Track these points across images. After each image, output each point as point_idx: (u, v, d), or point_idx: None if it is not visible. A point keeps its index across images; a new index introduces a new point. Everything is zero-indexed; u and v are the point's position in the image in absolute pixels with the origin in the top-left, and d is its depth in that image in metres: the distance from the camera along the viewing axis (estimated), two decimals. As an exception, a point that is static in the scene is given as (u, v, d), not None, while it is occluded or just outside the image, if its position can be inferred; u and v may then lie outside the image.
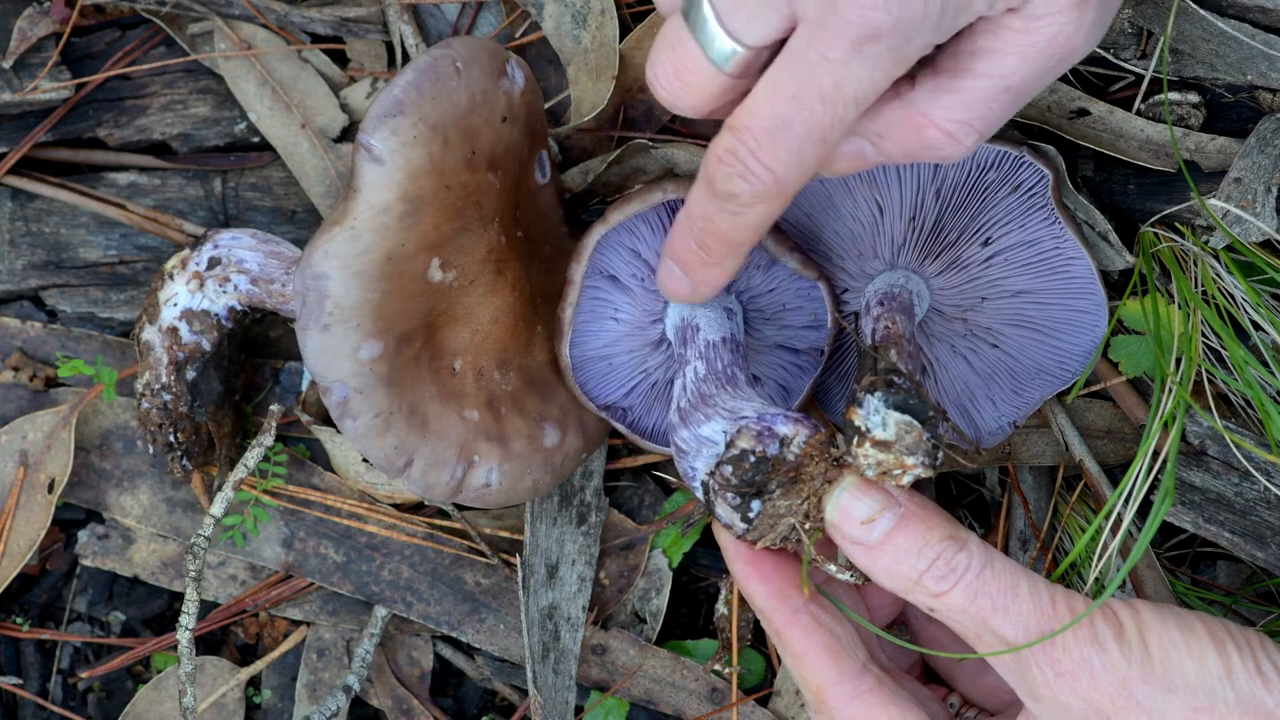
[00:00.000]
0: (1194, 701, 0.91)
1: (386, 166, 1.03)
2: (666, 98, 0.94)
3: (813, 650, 1.02)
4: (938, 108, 0.91)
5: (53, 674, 1.42)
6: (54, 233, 1.38)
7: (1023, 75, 0.90)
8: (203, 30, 1.38)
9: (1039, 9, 0.87)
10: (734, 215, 0.94)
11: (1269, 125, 1.11)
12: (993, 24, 0.89)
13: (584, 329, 1.22)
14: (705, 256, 0.99)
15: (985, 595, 0.95)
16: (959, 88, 0.90)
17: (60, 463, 1.34)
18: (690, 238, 0.99)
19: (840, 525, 0.99)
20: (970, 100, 0.90)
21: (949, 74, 0.90)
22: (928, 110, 0.91)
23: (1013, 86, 0.90)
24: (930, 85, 0.91)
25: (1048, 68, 0.90)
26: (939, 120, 0.91)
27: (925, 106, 0.91)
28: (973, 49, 0.90)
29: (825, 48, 0.84)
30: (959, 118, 0.91)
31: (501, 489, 1.17)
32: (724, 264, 1.00)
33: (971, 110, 0.91)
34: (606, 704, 1.33)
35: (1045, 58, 0.89)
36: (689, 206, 0.98)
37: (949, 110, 0.91)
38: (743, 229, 0.95)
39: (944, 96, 0.91)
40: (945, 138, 0.92)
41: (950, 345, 1.24)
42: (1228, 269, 1.14)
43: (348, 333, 1.04)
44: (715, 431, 1.04)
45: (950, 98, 0.91)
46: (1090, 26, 0.89)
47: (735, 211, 0.94)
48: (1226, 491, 1.17)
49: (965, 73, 0.90)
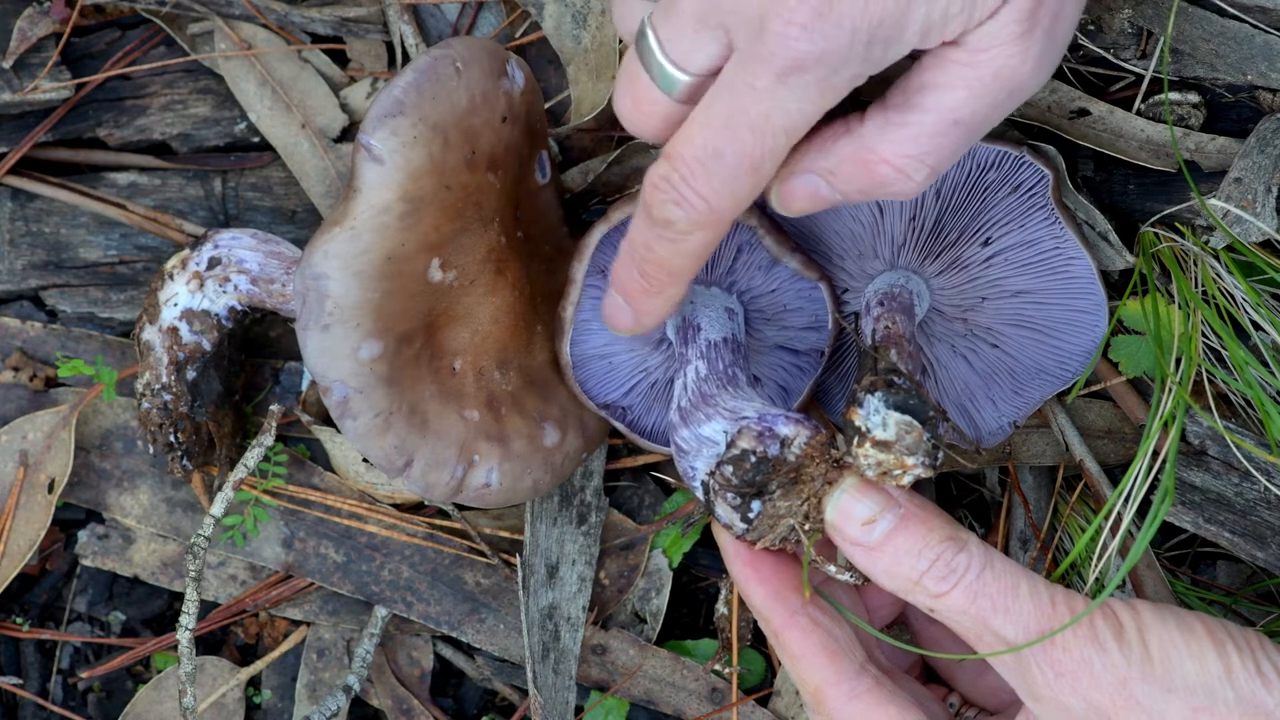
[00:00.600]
0: (1194, 701, 0.91)
1: (386, 166, 1.03)
2: (629, 126, 0.97)
3: (810, 651, 1.02)
4: (886, 142, 0.91)
5: (53, 674, 1.42)
6: (54, 233, 1.38)
7: (971, 109, 0.89)
8: (203, 30, 1.38)
9: (982, 41, 0.87)
10: (672, 243, 0.95)
11: (1269, 125, 1.11)
12: (937, 58, 0.89)
13: (584, 327, 1.22)
14: (647, 285, 1.00)
15: (985, 596, 0.95)
16: (907, 122, 0.90)
17: (60, 463, 1.34)
18: (633, 266, 1.00)
19: (840, 526, 0.99)
20: (918, 134, 0.90)
21: (897, 109, 0.90)
22: (876, 145, 0.91)
23: (961, 120, 0.90)
24: (880, 120, 0.91)
25: (996, 100, 0.89)
26: (888, 155, 0.91)
27: (874, 141, 0.91)
28: (920, 84, 0.90)
29: (752, 77, 0.85)
30: (908, 152, 0.91)
31: (501, 489, 1.17)
32: (665, 293, 1.00)
33: (920, 145, 0.90)
34: (606, 704, 1.34)
35: (992, 91, 0.89)
36: (630, 235, 0.99)
37: (898, 145, 0.91)
38: (681, 256, 0.96)
39: (892, 131, 0.91)
40: (896, 173, 0.92)
41: (950, 345, 1.24)
42: (1228, 269, 1.14)
43: (348, 332, 1.04)
44: (716, 431, 1.04)
45: (899, 131, 0.90)
46: (1036, 59, 0.88)
47: (673, 239, 0.94)
48: (1226, 491, 1.17)
49: (914, 107, 0.90)
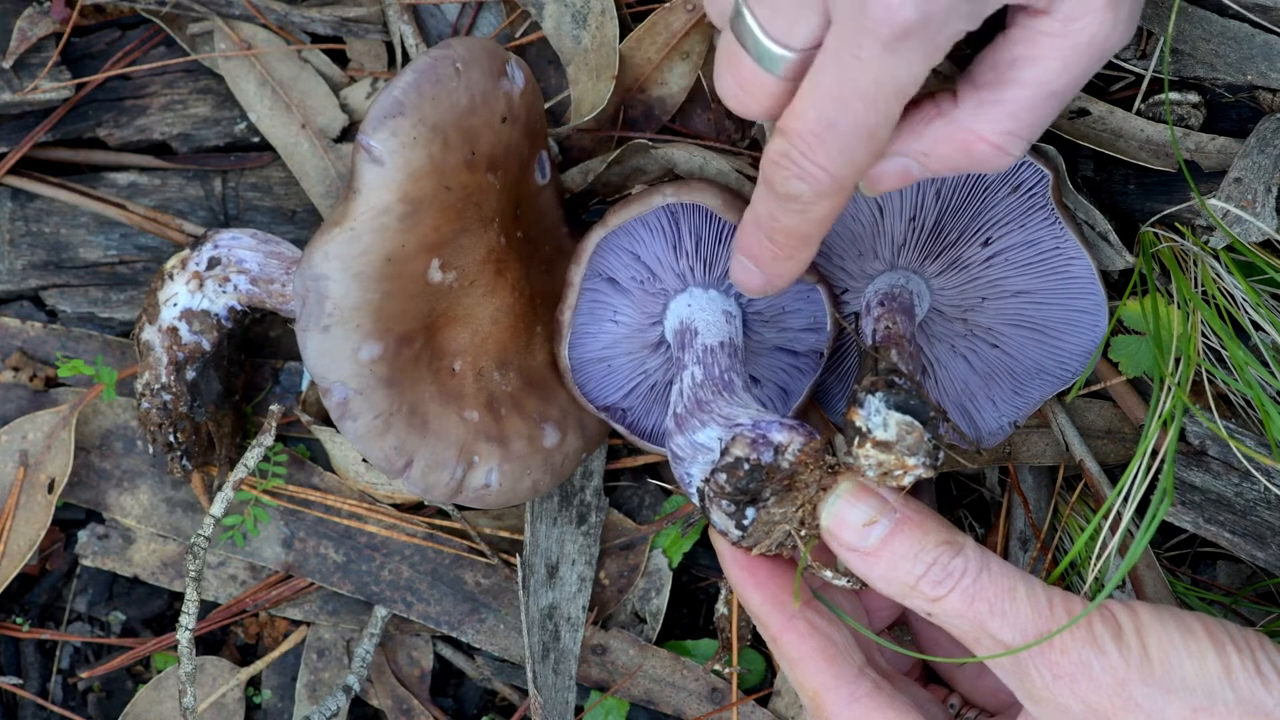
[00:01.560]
0: (1193, 702, 0.91)
1: (386, 167, 1.03)
2: (736, 107, 0.96)
3: (808, 655, 1.02)
4: (984, 121, 0.92)
5: (53, 674, 1.42)
6: (54, 233, 1.38)
7: (1066, 80, 0.90)
8: (203, 30, 1.38)
9: (1074, 10, 0.87)
10: (799, 214, 0.95)
11: (1269, 125, 1.10)
12: (1026, 30, 0.89)
13: (583, 331, 1.22)
14: (777, 251, 1.00)
15: (982, 599, 0.95)
16: (1004, 99, 0.91)
17: (60, 463, 1.34)
18: (760, 234, 1.00)
19: (836, 532, 0.99)
20: (1016, 110, 0.91)
21: (991, 86, 0.91)
22: (974, 125, 0.92)
23: (1057, 91, 0.91)
24: (974, 100, 0.92)
25: (1089, 68, 0.90)
26: (987, 134, 0.92)
27: (971, 122, 0.92)
28: (1011, 58, 0.90)
29: (857, 49, 0.85)
30: (1007, 129, 0.92)
31: (501, 489, 1.17)
32: (796, 257, 1.01)
33: (1019, 120, 0.92)
34: (606, 704, 1.34)
35: (1086, 59, 0.89)
36: (754, 207, 1.00)
37: (996, 123, 0.92)
38: (810, 224, 0.97)
39: (989, 109, 0.91)
40: (994, 150, 0.93)
41: (950, 345, 1.24)
42: (1228, 269, 1.14)
43: (348, 334, 1.04)
44: (711, 438, 1.04)
45: (996, 109, 0.91)
46: (1126, 21, 0.89)
47: (799, 210, 0.95)
48: (1226, 492, 1.17)
49: (1009, 83, 0.90)
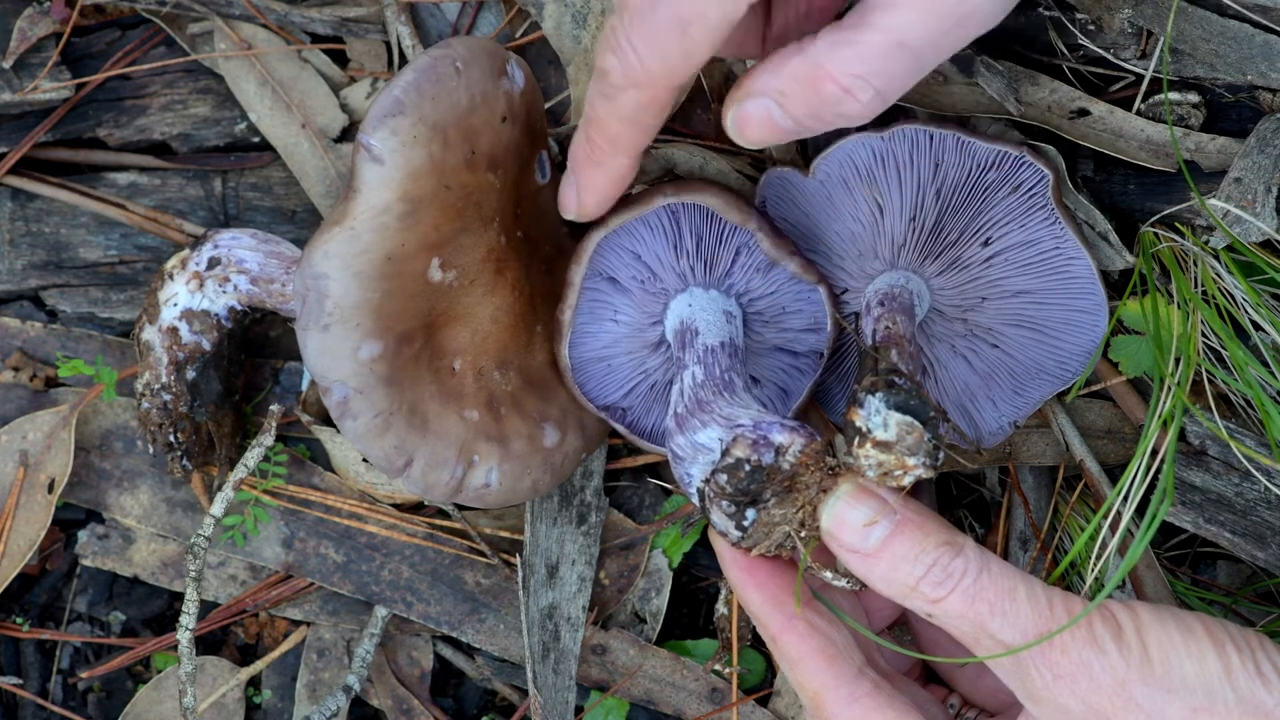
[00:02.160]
0: (1193, 702, 0.91)
1: (386, 166, 1.03)
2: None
3: (808, 655, 1.02)
4: (833, 60, 0.91)
5: (53, 674, 1.42)
6: (54, 233, 1.38)
7: (919, 32, 0.89)
8: (203, 30, 1.38)
9: None
10: (607, 99, 0.95)
11: (1269, 125, 1.10)
12: None
13: (583, 330, 1.22)
14: (590, 152, 1.01)
15: (983, 599, 0.95)
16: (856, 40, 0.90)
17: (60, 463, 1.34)
18: (582, 133, 1.01)
19: (836, 533, 0.99)
20: (864, 53, 0.90)
21: (849, 28, 0.90)
22: (824, 62, 0.91)
23: (907, 42, 0.89)
24: (831, 38, 0.91)
25: (946, 28, 0.89)
26: (835, 72, 0.91)
27: (822, 58, 0.91)
28: (875, 3, 0.89)
29: None
30: (854, 70, 0.90)
31: (501, 489, 1.17)
32: (606, 165, 1.01)
33: (866, 64, 0.90)
34: (606, 704, 1.34)
35: (940, 16, 0.88)
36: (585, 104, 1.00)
37: (844, 63, 0.90)
38: (616, 118, 0.97)
39: (841, 49, 0.90)
40: (842, 92, 0.91)
41: (950, 345, 1.24)
42: (1228, 269, 1.14)
43: (347, 333, 1.04)
44: (711, 439, 1.04)
45: (846, 50, 0.90)
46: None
47: (607, 94, 0.95)
48: (1227, 492, 1.17)
49: (864, 26, 0.90)
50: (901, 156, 1.12)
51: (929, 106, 1.19)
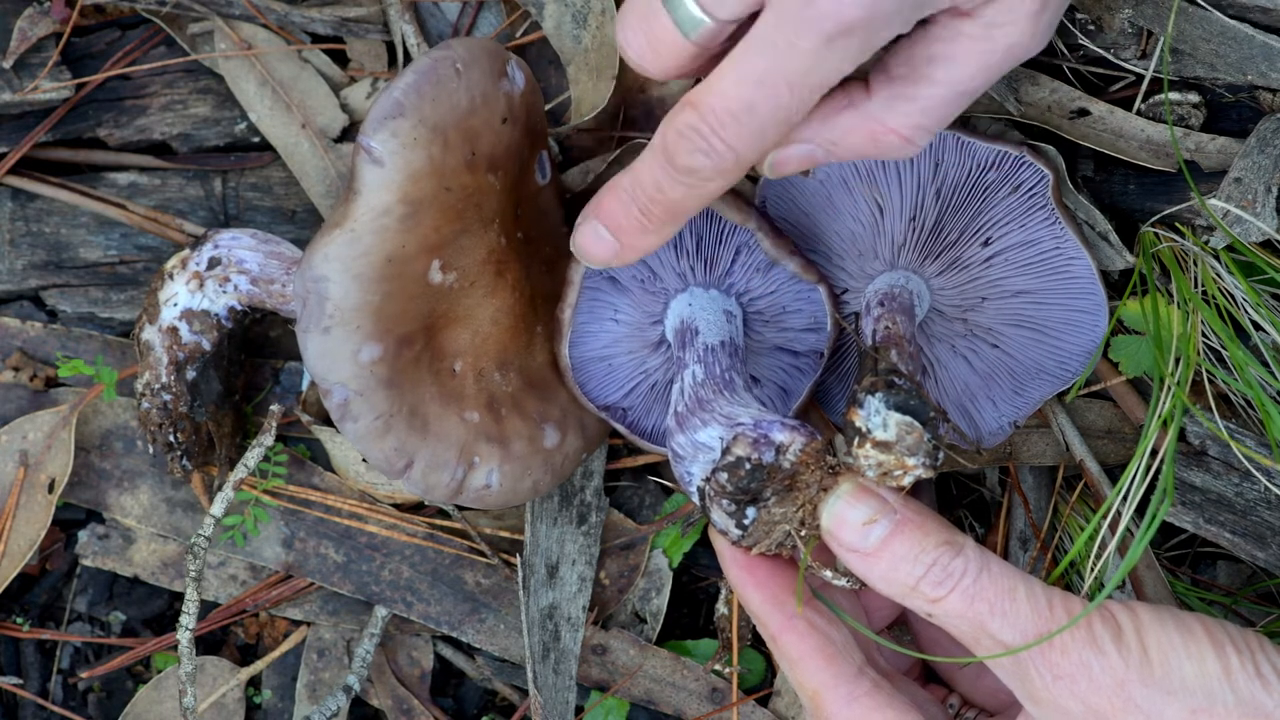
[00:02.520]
0: (1193, 703, 0.91)
1: (386, 168, 1.03)
2: (636, 61, 0.97)
3: (808, 655, 1.02)
4: (895, 115, 0.93)
5: (53, 674, 1.42)
6: (54, 233, 1.38)
7: (980, 82, 0.92)
8: (203, 30, 1.38)
9: (999, 16, 0.89)
10: (690, 188, 0.96)
11: (1269, 125, 1.10)
12: (948, 30, 0.91)
13: (584, 330, 1.22)
14: (645, 223, 1.01)
15: (982, 599, 0.95)
16: (917, 96, 0.92)
17: (60, 463, 1.34)
18: (633, 204, 1.00)
19: (836, 533, 0.99)
20: (928, 107, 0.93)
21: (905, 81, 0.93)
22: (885, 118, 0.94)
23: (969, 91, 0.93)
24: (887, 93, 0.93)
25: (1002, 71, 0.93)
26: (897, 127, 0.94)
27: (882, 114, 0.94)
28: (929, 55, 0.92)
29: (796, 37, 0.86)
30: (917, 124, 0.93)
31: (502, 490, 1.17)
32: (662, 231, 1.01)
33: (929, 116, 0.93)
34: (607, 704, 1.34)
35: (1001, 64, 0.91)
36: (637, 175, 0.99)
37: (907, 117, 0.93)
38: (696, 199, 0.97)
39: (902, 104, 0.93)
40: (903, 142, 0.94)
41: (950, 345, 1.24)
42: (1228, 269, 1.14)
43: (348, 335, 1.04)
44: (711, 437, 1.04)
45: (908, 105, 0.93)
46: (1044, 32, 0.92)
47: (693, 185, 0.95)
48: (1227, 492, 1.17)
49: (923, 80, 0.92)
50: (901, 157, 1.12)
51: (929, 107, 1.18)
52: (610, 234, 1.03)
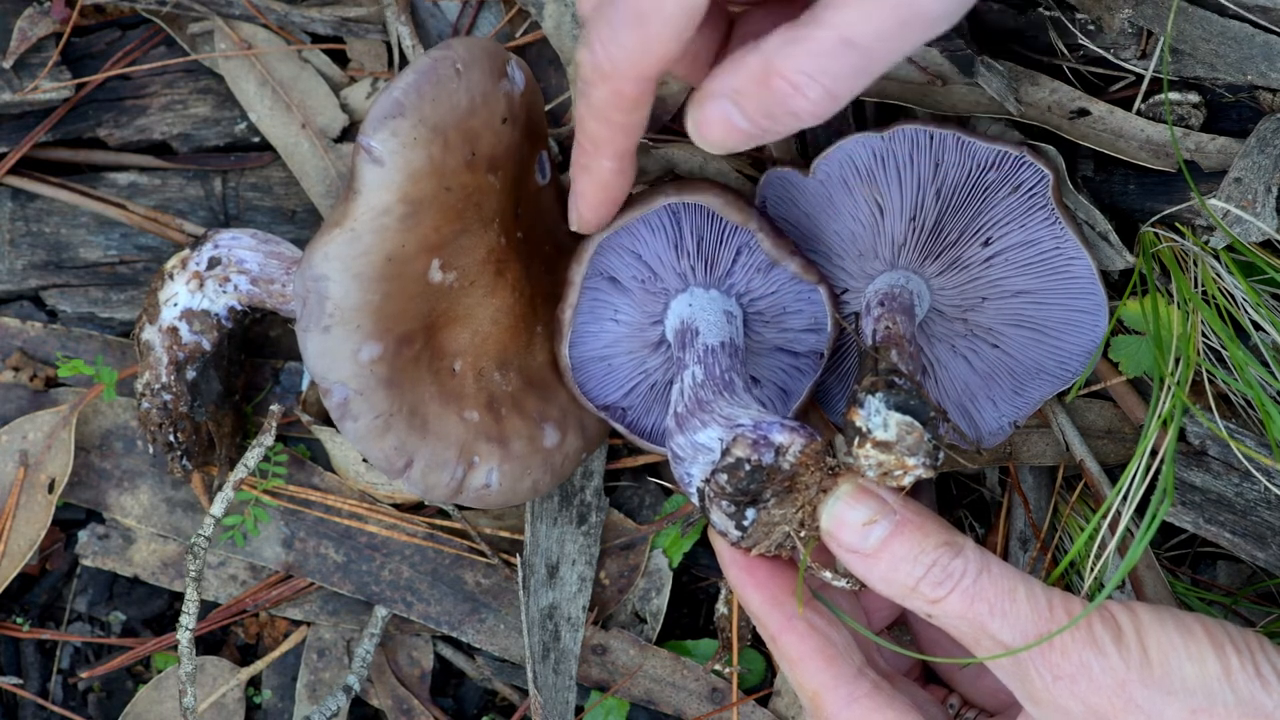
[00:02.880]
0: (1193, 703, 0.91)
1: (386, 168, 1.03)
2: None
3: (808, 656, 1.02)
4: (783, 56, 0.91)
5: (53, 674, 1.42)
6: (54, 233, 1.38)
7: (864, 30, 0.89)
8: (203, 30, 1.38)
9: None
10: (583, 97, 0.97)
11: (1269, 125, 1.10)
12: None
13: (584, 330, 1.22)
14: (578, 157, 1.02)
15: (982, 600, 0.95)
16: (806, 37, 0.90)
17: (60, 463, 1.34)
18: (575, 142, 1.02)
19: (835, 534, 0.99)
20: (812, 50, 0.90)
21: (800, 25, 0.91)
22: (775, 59, 0.91)
23: (853, 40, 0.89)
24: (783, 35, 0.91)
25: (890, 27, 0.89)
26: (784, 69, 0.91)
27: (773, 55, 0.91)
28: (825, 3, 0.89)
29: None
30: (803, 67, 0.90)
31: (501, 490, 1.17)
32: (593, 169, 1.02)
33: (814, 61, 0.90)
34: (607, 704, 1.34)
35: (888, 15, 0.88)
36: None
37: (793, 59, 0.91)
38: (593, 115, 0.98)
39: (790, 46, 0.91)
40: (791, 89, 0.91)
41: (951, 345, 1.24)
42: (1228, 269, 1.14)
43: (348, 334, 1.04)
44: (711, 439, 1.04)
45: (795, 47, 0.91)
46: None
47: (582, 91, 0.96)
48: (1227, 492, 1.17)
49: (813, 23, 0.90)
50: (901, 156, 1.12)
51: (929, 106, 1.19)
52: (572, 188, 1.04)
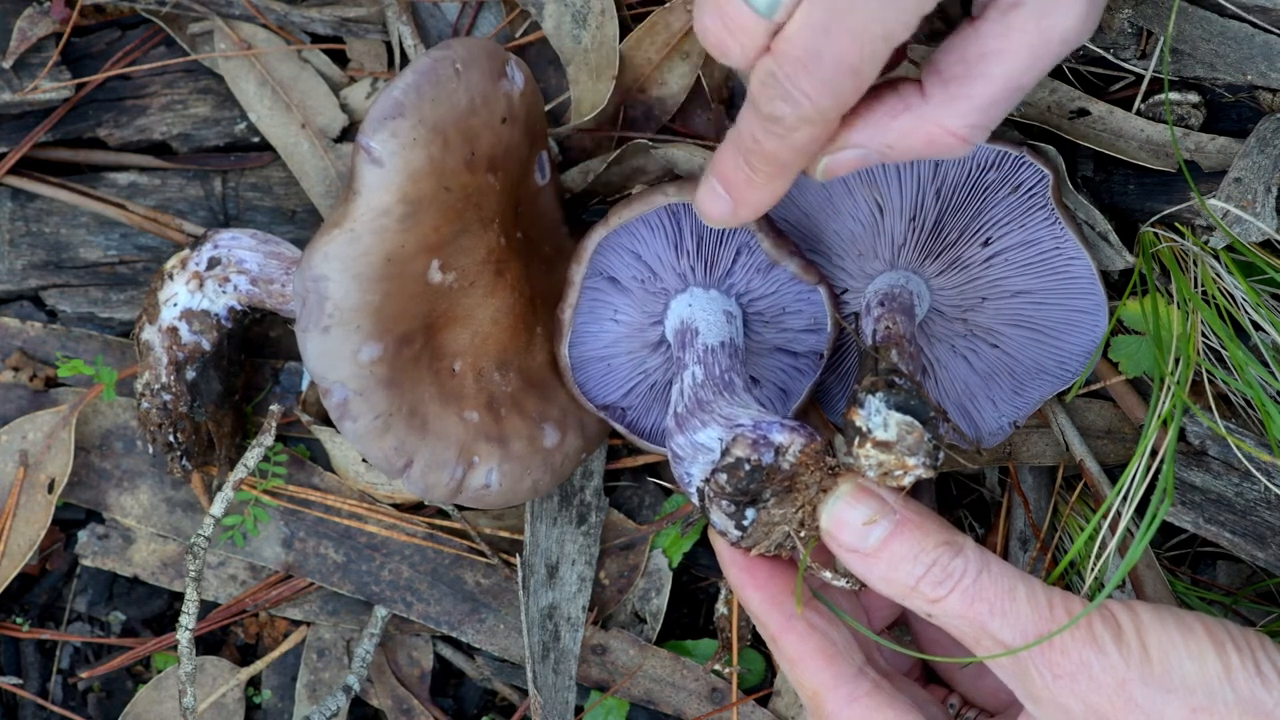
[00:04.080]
0: (1193, 702, 0.91)
1: (386, 168, 1.03)
2: (717, 49, 0.96)
3: (808, 655, 1.02)
4: (952, 115, 0.93)
5: (53, 674, 1.42)
6: (54, 233, 1.38)
7: (1034, 74, 0.92)
8: (203, 30, 1.38)
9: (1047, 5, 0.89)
10: (779, 137, 0.96)
11: (1269, 125, 1.10)
12: (998, 24, 0.90)
13: (583, 330, 1.22)
14: (752, 176, 1.01)
15: (982, 599, 0.95)
16: (972, 94, 0.92)
17: (60, 463, 1.34)
18: (739, 157, 1.01)
19: (835, 533, 0.99)
20: (983, 104, 0.92)
21: (960, 80, 0.92)
22: (942, 119, 0.94)
23: (1025, 85, 0.92)
24: (942, 94, 0.93)
25: (1056, 61, 0.92)
26: (954, 128, 0.94)
27: (939, 115, 0.94)
28: (981, 52, 0.91)
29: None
30: (974, 122, 0.93)
31: (501, 490, 1.17)
32: (770, 186, 1.01)
33: (986, 114, 0.93)
34: (606, 704, 1.34)
35: (1054, 53, 0.91)
36: (738, 128, 1.00)
37: (964, 116, 0.93)
38: (789, 150, 0.97)
39: (958, 104, 0.93)
40: (960, 142, 0.94)
41: (950, 345, 1.24)
42: (1228, 269, 1.14)
43: (347, 334, 1.04)
44: (711, 438, 1.04)
45: (964, 104, 0.93)
46: (1094, 15, 0.91)
47: (780, 134, 0.95)
48: (1227, 492, 1.17)
49: (978, 77, 0.92)
50: (901, 156, 1.12)
51: (929, 106, 1.19)
52: (724, 190, 1.03)
